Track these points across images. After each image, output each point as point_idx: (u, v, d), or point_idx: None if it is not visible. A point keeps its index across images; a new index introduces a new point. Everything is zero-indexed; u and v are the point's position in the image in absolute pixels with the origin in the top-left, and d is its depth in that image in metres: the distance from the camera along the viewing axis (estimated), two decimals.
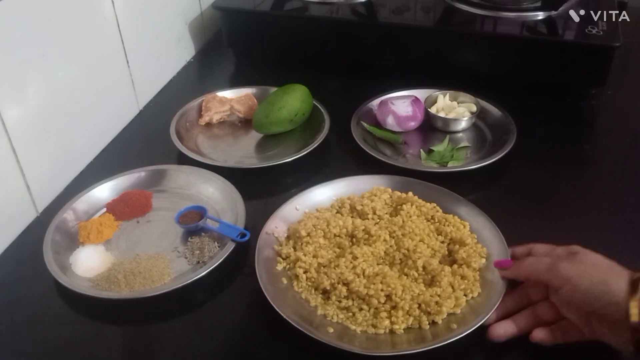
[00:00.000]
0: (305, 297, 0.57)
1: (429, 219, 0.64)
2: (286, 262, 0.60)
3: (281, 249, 0.61)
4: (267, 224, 0.62)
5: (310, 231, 0.61)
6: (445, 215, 0.64)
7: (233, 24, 0.97)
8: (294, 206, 0.65)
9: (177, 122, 0.79)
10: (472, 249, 0.59)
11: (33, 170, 0.66)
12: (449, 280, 0.56)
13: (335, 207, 0.66)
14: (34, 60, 0.65)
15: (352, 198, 0.66)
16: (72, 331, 0.55)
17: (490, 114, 0.80)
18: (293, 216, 0.65)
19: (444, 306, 0.54)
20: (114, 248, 0.63)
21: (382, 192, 0.67)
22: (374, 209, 0.65)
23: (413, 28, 0.89)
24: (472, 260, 0.57)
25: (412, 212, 0.64)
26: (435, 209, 0.65)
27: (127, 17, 0.80)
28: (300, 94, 0.78)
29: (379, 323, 0.53)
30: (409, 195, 0.66)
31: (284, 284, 0.58)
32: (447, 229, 0.62)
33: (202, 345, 0.53)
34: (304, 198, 0.66)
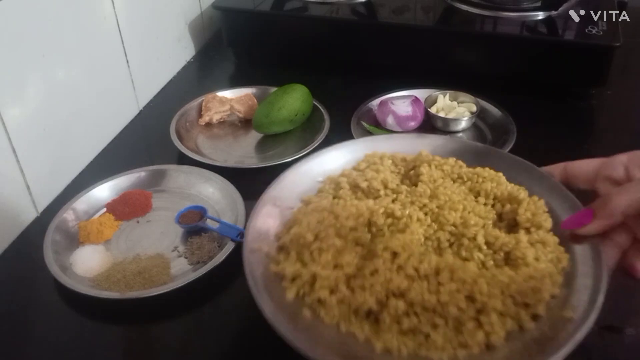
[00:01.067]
0: (347, 330, 0.40)
1: (454, 179, 0.49)
2: (297, 285, 0.43)
3: (283, 268, 0.44)
4: (247, 239, 0.45)
5: (319, 232, 0.45)
6: (474, 170, 0.49)
7: (233, 23, 0.97)
8: (271, 205, 0.49)
9: (177, 122, 0.79)
10: (532, 205, 0.45)
11: (33, 170, 0.66)
12: (532, 253, 0.42)
13: (328, 191, 0.50)
14: (34, 60, 0.65)
15: (348, 174, 0.51)
16: (72, 331, 0.55)
17: (490, 114, 0.80)
18: (275, 217, 0.48)
19: (544, 290, 0.39)
20: (114, 248, 0.63)
21: (382, 158, 0.52)
22: (385, 182, 0.49)
23: (413, 28, 0.89)
24: (542, 219, 0.44)
25: (435, 175, 0.49)
26: (458, 165, 0.50)
27: (127, 17, 0.80)
28: (300, 94, 0.78)
29: (470, 339, 0.38)
30: (422, 153, 0.51)
31: (308, 318, 0.41)
32: (485, 185, 0.47)
33: (202, 345, 0.53)
34: (279, 190, 0.50)
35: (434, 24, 0.91)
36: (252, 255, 0.44)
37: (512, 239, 0.43)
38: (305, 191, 0.51)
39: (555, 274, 0.42)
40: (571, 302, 0.40)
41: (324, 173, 0.52)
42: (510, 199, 0.47)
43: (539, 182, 0.48)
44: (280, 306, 0.41)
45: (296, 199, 0.51)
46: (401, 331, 0.39)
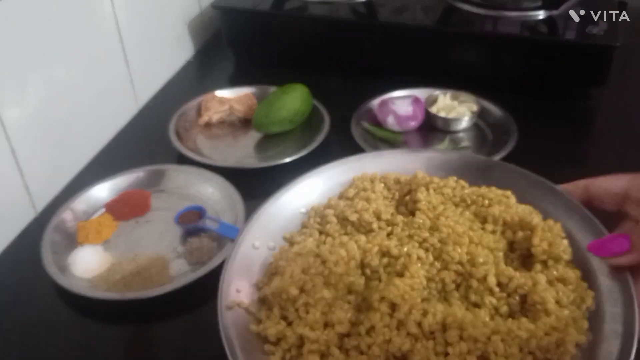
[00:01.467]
0: None
1: (457, 203, 0.43)
2: (281, 349, 0.38)
3: (265, 328, 0.38)
4: (222, 291, 0.39)
5: (304, 283, 0.39)
6: (479, 191, 0.43)
7: (232, 23, 0.97)
8: (249, 244, 0.42)
9: (177, 121, 0.79)
10: (548, 232, 0.39)
11: (32, 170, 0.65)
12: (552, 295, 0.37)
13: (313, 226, 0.44)
14: (34, 60, 0.65)
15: (335, 204, 0.45)
16: (71, 332, 0.55)
17: (490, 114, 0.80)
18: (255, 261, 0.42)
19: (568, 342, 0.34)
20: (113, 248, 0.62)
21: (373, 181, 0.46)
22: (378, 213, 0.43)
23: (413, 28, 0.89)
24: (560, 250, 0.38)
25: (434, 201, 0.43)
26: (460, 186, 0.44)
27: (126, 17, 0.80)
28: (300, 94, 0.78)
29: None
30: (418, 175, 0.45)
31: None
32: (493, 210, 0.41)
33: (201, 345, 0.53)
34: (257, 226, 0.43)
35: (434, 24, 0.91)
36: (228, 314, 0.38)
37: (529, 280, 0.37)
38: (288, 226, 0.45)
39: (580, 318, 0.36)
40: (599, 353, 0.34)
41: (308, 202, 0.46)
42: (522, 224, 0.41)
43: (554, 200, 0.43)
44: None
45: (278, 236, 0.44)
46: None
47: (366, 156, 0.50)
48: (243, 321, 0.39)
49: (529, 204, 0.43)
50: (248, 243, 0.42)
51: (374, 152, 0.52)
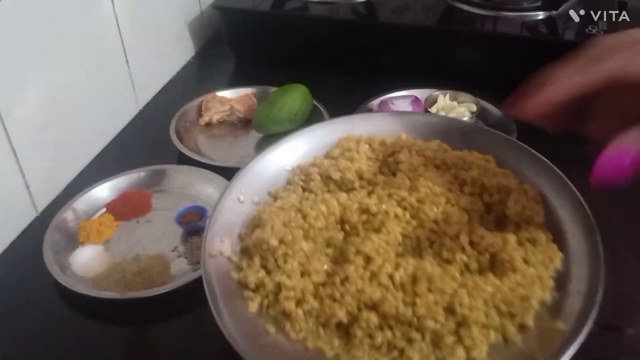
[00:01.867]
0: (314, 346, 0.37)
1: (438, 165, 0.45)
2: (260, 295, 0.40)
3: (245, 276, 0.40)
4: (206, 240, 0.41)
5: (284, 235, 0.41)
6: (460, 154, 0.45)
7: (233, 23, 0.97)
8: (235, 199, 0.44)
9: (177, 122, 0.79)
10: (523, 196, 0.41)
11: (33, 170, 0.66)
12: (521, 255, 0.38)
13: (297, 183, 0.46)
14: (34, 60, 0.65)
15: (320, 163, 0.46)
16: (72, 331, 0.55)
17: (490, 114, 0.80)
18: (239, 214, 0.44)
19: (532, 298, 0.36)
20: (114, 248, 0.63)
21: (358, 142, 0.47)
22: (360, 173, 0.45)
23: (413, 28, 0.89)
24: (534, 213, 0.40)
25: (415, 162, 0.44)
26: (442, 149, 0.46)
27: (126, 17, 0.80)
28: (300, 94, 0.78)
29: (449, 355, 0.35)
30: (401, 137, 0.46)
31: (272, 334, 0.38)
32: (471, 173, 0.43)
33: (202, 345, 0.53)
34: (243, 181, 0.45)
35: (434, 24, 0.91)
36: (211, 261, 0.40)
37: (499, 239, 0.39)
38: (273, 183, 0.47)
39: (546, 277, 0.38)
40: (563, 311, 0.36)
41: (295, 160, 0.47)
42: (499, 188, 0.42)
43: (533, 167, 0.44)
44: (242, 320, 0.38)
45: (263, 191, 0.46)
46: (374, 346, 0.36)
47: (353, 118, 0.51)
48: (225, 269, 0.41)
49: (509, 168, 0.44)
50: (234, 197, 0.44)
51: (362, 114, 0.52)
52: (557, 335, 0.35)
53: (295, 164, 0.48)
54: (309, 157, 0.48)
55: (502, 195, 0.42)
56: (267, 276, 0.40)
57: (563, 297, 0.37)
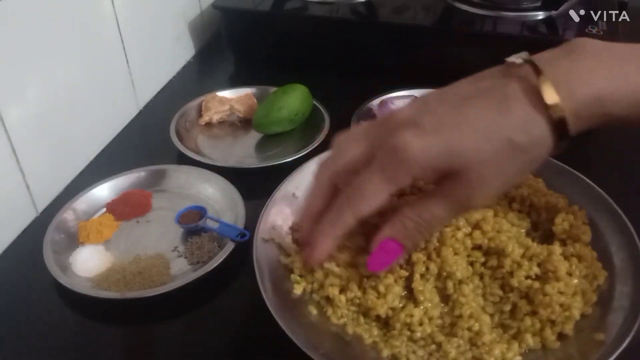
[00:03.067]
0: (354, 331, 0.39)
1: None
2: (306, 280, 0.43)
3: (293, 261, 0.44)
4: (259, 226, 0.46)
5: None
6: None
7: (233, 23, 0.97)
8: (289, 192, 0.49)
9: (177, 122, 0.79)
10: (571, 215, 0.42)
11: (33, 170, 0.66)
12: (565, 267, 0.39)
13: None
14: (34, 60, 0.65)
15: None
16: (72, 331, 0.55)
17: None
18: (293, 207, 0.49)
19: (573, 307, 0.37)
20: (114, 248, 0.63)
21: None
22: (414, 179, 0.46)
23: (413, 28, 0.89)
24: (580, 232, 0.41)
25: None
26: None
27: (126, 17, 0.80)
28: (300, 94, 0.78)
29: (486, 354, 0.36)
30: None
31: (313, 315, 0.41)
32: (521, 191, 0.45)
33: (202, 345, 0.53)
34: (299, 178, 0.49)
35: (434, 24, 0.91)
36: (262, 245, 0.44)
37: (545, 250, 0.40)
38: None
39: (589, 291, 0.39)
40: (604, 324, 0.37)
41: None
42: (548, 207, 0.44)
43: (581, 191, 0.45)
44: (286, 300, 0.40)
45: None
46: (412, 338, 0.38)
47: None
48: (274, 254, 0.44)
49: (558, 192, 0.46)
50: (289, 191, 0.48)
51: None
52: (597, 346, 0.35)
53: None
54: None
55: (550, 214, 0.44)
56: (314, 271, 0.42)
57: (605, 313, 0.38)
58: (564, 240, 0.42)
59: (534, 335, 0.37)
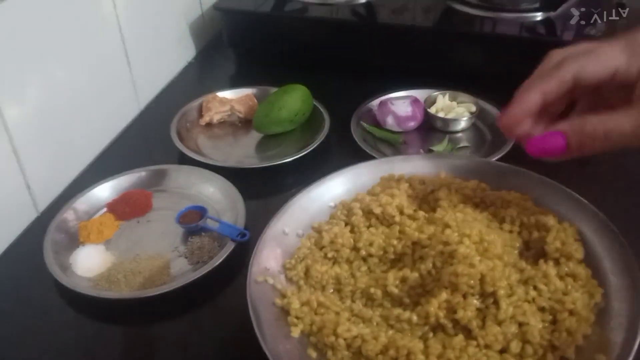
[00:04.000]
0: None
1: (477, 203, 0.47)
2: (304, 322, 0.42)
3: (290, 304, 0.43)
4: (252, 269, 0.44)
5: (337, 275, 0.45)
6: (498, 193, 0.47)
7: (234, 24, 0.97)
8: (279, 230, 0.48)
9: (178, 122, 0.79)
10: (562, 232, 0.42)
11: (33, 170, 0.66)
12: (561, 289, 0.40)
13: (340, 218, 0.49)
14: (34, 60, 0.65)
15: (361, 198, 0.49)
16: (72, 331, 0.55)
17: (489, 114, 0.80)
18: (284, 245, 0.48)
19: (577, 332, 0.37)
20: (114, 248, 0.63)
21: (399, 181, 0.49)
22: (400, 208, 0.47)
23: (413, 28, 0.90)
24: (573, 249, 0.41)
25: (455, 200, 0.47)
26: (480, 188, 0.48)
27: (128, 17, 0.80)
28: (300, 94, 0.78)
29: None
30: (441, 175, 0.49)
31: (314, 358, 0.40)
32: (510, 211, 0.44)
33: (202, 345, 0.53)
34: (288, 215, 0.48)
35: (434, 24, 0.91)
36: (256, 287, 0.43)
37: (539, 273, 0.40)
38: (316, 217, 0.50)
39: (587, 312, 0.38)
40: (604, 344, 0.36)
41: (336, 197, 0.50)
42: (539, 226, 0.43)
43: (571, 206, 0.45)
44: (284, 344, 0.40)
45: (307, 225, 0.49)
46: None
47: (395, 159, 0.53)
48: (269, 296, 0.43)
49: (546, 207, 0.46)
50: (279, 229, 0.47)
51: (402, 155, 0.54)
52: None
53: (337, 200, 0.51)
54: (350, 194, 0.50)
55: (541, 233, 0.43)
56: (311, 295, 0.43)
57: (604, 332, 0.38)
58: (557, 259, 0.42)
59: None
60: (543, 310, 0.39)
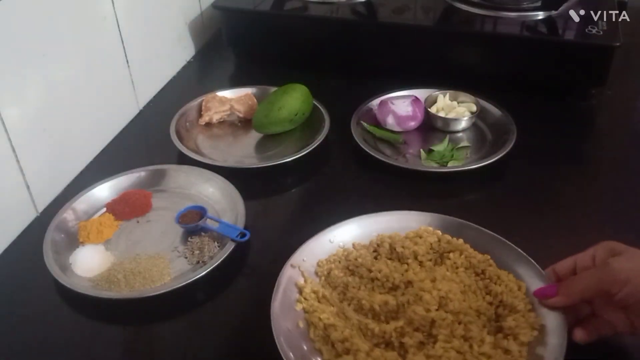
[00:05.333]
0: (319, 348, 0.50)
1: (478, 273, 0.56)
2: (307, 304, 0.53)
3: (304, 287, 0.54)
4: (294, 255, 0.56)
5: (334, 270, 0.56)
6: (499, 272, 0.55)
7: (233, 23, 0.97)
8: (327, 238, 0.59)
9: (177, 121, 0.79)
10: (523, 318, 0.50)
11: (33, 170, 0.66)
12: (489, 353, 0.48)
13: (373, 245, 0.59)
14: (34, 60, 0.65)
15: (394, 237, 0.59)
16: (72, 331, 0.55)
17: (490, 114, 0.80)
18: (325, 249, 0.58)
19: None
20: (114, 248, 0.63)
21: (430, 234, 0.59)
22: (416, 253, 0.57)
23: (413, 28, 0.90)
24: (521, 332, 0.48)
25: (460, 263, 0.56)
26: (487, 263, 0.56)
27: (127, 17, 0.80)
28: (300, 94, 0.78)
29: None
30: (460, 242, 0.58)
31: (301, 328, 0.51)
32: (498, 288, 0.53)
33: (202, 345, 0.53)
34: (340, 231, 0.59)
35: (434, 24, 0.91)
36: (289, 269, 0.55)
37: (479, 337, 0.49)
38: (359, 238, 0.59)
39: None
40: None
41: (381, 230, 0.60)
42: (511, 307, 0.52)
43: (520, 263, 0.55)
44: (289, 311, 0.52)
45: (348, 240, 0.59)
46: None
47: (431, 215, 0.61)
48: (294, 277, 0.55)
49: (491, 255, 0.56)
50: (326, 238, 0.58)
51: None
52: None
53: (381, 232, 0.60)
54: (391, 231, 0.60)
55: (510, 313, 0.51)
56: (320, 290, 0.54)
57: None
58: (507, 335, 0.49)
59: None
60: None
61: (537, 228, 0.63)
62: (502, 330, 0.50)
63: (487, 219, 0.60)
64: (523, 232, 0.61)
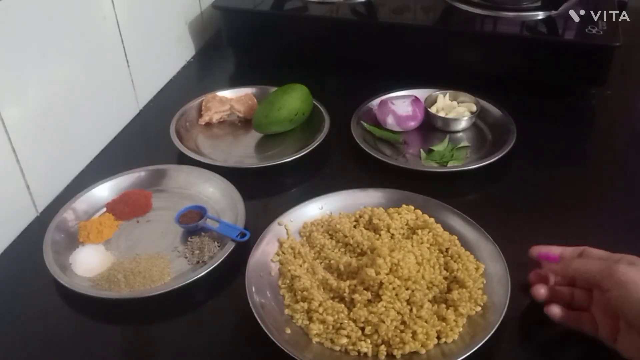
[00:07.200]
0: (283, 294, 0.57)
1: (442, 250, 0.59)
2: (282, 257, 0.59)
3: (284, 242, 0.61)
4: (286, 214, 0.62)
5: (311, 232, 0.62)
6: (461, 251, 0.59)
7: (233, 23, 0.97)
8: (318, 205, 0.64)
9: (177, 121, 0.79)
10: (468, 293, 0.54)
11: (33, 170, 0.66)
12: (425, 317, 0.52)
13: (355, 216, 0.64)
14: (34, 60, 0.65)
15: (375, 211, 0.64)
16: (72, 331, 0.55)
17: (490, 114, 0.80)
18: (313, 214, 0.64)
19: (407, 344, 0.50)
20: (114, 248, 0.63)
21: (410, 212, 0.63)
22: (389, 226, 0.62)
23: (413, 28, 0.90)
24: (462, 305, 0.53)
25: (426, 240, 0.60)
26: (453, 242, 0.60)
27: (127, 17, 0.80)
28: (300, 94, 0.78)
29: (337, 339, 0.51)
30: (431, 220, 0.62)
31: (272, 276, 0.58)
32: (455, 265, 0.57)
33: (202, 345, 0.53)
34: (331, 199, 0.65)
35: (434, 24, 0.91)
36: (276, 226, 0.61)
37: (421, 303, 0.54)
38: (346, 208, 0.65)
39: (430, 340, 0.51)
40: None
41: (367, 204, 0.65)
42: (461, 283, 0.56)
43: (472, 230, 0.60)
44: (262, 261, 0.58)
45: (336, 208, 0.65)
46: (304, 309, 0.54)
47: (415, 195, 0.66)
48: (279, 234, 0.61)
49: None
50: (316, 205, 0.64)
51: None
52: None
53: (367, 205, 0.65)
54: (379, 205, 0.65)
55: (459, 288, 0.56)
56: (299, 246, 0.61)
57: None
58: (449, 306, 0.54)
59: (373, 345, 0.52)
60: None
61: (537, 228, 0.63)
62: (447, 302, 0.55)
63: (487, 218, 0.60)
64: (523, 231, 0.61)
